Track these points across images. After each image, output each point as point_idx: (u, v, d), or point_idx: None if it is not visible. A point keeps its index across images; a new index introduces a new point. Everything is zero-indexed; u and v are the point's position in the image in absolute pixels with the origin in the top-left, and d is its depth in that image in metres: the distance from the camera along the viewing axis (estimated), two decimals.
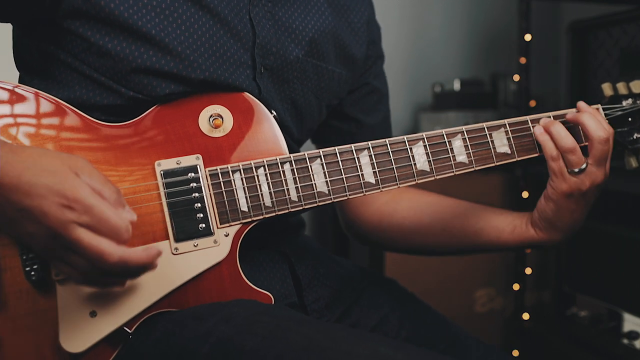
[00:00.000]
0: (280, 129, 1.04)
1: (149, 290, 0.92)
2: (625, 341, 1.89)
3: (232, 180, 0.97)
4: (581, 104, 1.08)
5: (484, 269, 2.34)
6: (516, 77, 2.25)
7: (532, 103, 2.24)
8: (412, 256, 2.15)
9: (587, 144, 1.05)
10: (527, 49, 2.21)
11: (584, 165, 1.03)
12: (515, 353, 2.28)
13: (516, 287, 2.30)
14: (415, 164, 1.03)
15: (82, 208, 0.78)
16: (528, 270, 2.30)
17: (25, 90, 0.93)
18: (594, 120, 1.04)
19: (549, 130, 1.05)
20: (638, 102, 1.11)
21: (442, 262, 2.23)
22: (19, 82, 1.07)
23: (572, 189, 1.04)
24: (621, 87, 1.13)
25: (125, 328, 0.92)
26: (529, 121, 1.08)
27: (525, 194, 2.27)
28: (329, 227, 2.44)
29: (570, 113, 1.07)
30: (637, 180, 1.75)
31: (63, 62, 0.99)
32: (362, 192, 1.01)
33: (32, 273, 0.89)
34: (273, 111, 1.04)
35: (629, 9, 1.99)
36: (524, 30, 2.20)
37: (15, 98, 0.93)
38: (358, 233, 1.35)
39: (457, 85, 2.45)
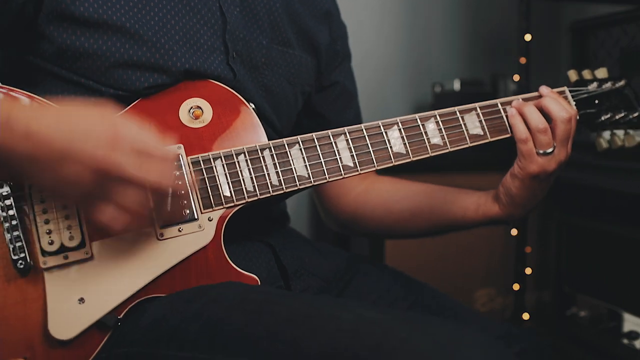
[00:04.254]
0: (261, 120, 1.06)
1: (136, 275, 0.94)
2: (625, 341, 1.89)
3: (214, 167, 0.98)
4: (543, 88, 1.12)
5: (484, 269, 2.34)
6: (516, 77, 2.25)
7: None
8: (412, 256, 2.17)
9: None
10: (527, 49, 2.21)
11: (551, 148, 1.07)
12: None
13: (516, 287, 2.30)
14: (391, 147, 1.06)
15: (134, 141, 0.82)
16: (528, 270, 2.29)
17: (19, 93, 0.94)
18: (556, 102, 1.08)
19: (521, 111, 1.08)
20: (603, 86, 1.17)
21: (442, 262, 2.23)
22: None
23: (540, 170, 1.08)
24: (586, 74, 1.20)
25: (113, 314, 0.93)
26: (499, 104, 1.12)
27: None
28: None
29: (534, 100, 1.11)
30: (637, 180, 1.75)
31: (42, 69, 1.01)
32: (341, 174, 1.03)
33: (20, 262, 0.90)
34: (252, 103, 1.06)
35: (629, 9, 1.99)
36: (524, 30, 2.20)
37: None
38: (336, 222, 1.40)
39: (457, 85, 2.46)
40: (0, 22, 0.97)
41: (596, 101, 1.16)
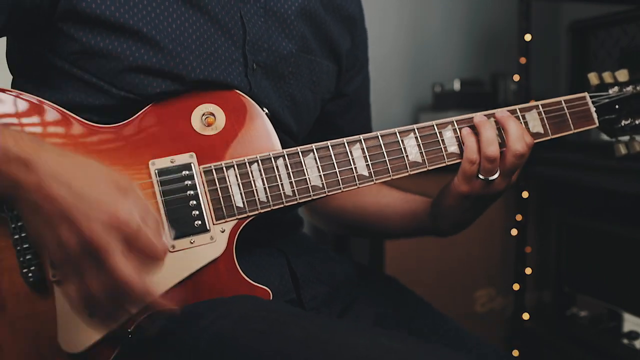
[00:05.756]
0: (278, 126, 1.05)
1: None
2: (625, 341, 1.89)
3: (227, 177, 0.97)
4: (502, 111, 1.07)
5: (484, 269, 2.34)
6: (516, 77, 2.25)
7: (532, 103, 2.24)
8: (412, 256, 2.17)
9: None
10: (527, 49, 2.21)
11: (495, 176, 1.03)
12: (515, 353, 2.28)
13: (516, 287, 2.30)
14: (407, 156, 1.04)
15: (131, 231, 0.77)
16: (528, 270, 2.30)
17: (26, 99, 0.93)
18: (519, 129, 1.03)
19: (480, 130, 1.03)
20: (624, 90, 1.13)
21: (442, 262, 2.23)
22: (12, 86, 1.07)
23: (472, 192, 1.04)
24: (607, 77, 1.15)
25: (124, 327, 0.92)
26: (518, 110, 1.09)
27: (525, 194, 2.27)
28: None
29: (500, 111, 1.06)
30: (637, 180, 1.75)
31: (55, 65, 1.00)
32: (356, 184, 1.02)
33: (30, 275, 0.89)
34: (265, 108, 1.05)
35: (629, 9, 1.98)
36: (524, 30, 2.20)
37: (19, 106, 0.93)
38: (316, 217, 1.44)
39: (457, 85, 2.45)
40: (16, 15, 0.95)
41: (617, 106, 1.13)
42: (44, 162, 0.77)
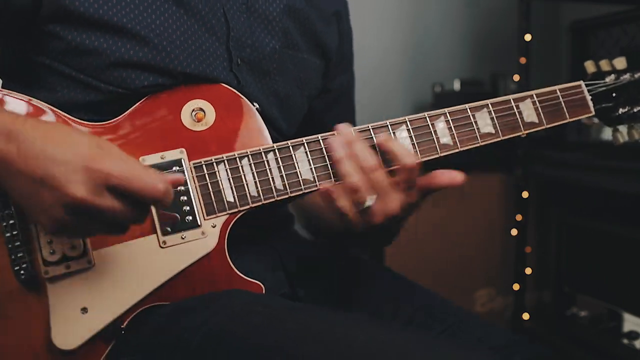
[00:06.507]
0: (268, 123, 1.04)
1: (140, 284, 0.93)
2: (625, 341, 1.89)
3: (217, 172, 0.97)
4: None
5: (484, 269, 2.34)
6: (516, 77, 2.25)
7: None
8: (412, 256, 2.17)
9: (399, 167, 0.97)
10: (527, 49, 2.21)
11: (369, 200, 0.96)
12: None
13: (516, 287, 2.30)
14: None
15: (118, 181, 0.78)
16: (528, 270, 2.30)
17: (15, 97, 0.94)
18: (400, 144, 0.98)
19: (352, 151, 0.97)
20: (621, 77, 1.10)
21: (442, 262, 2.23)
22: (2, 88, 1.07)
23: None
24: (604, 64, 1.13)
25: (117, 323, 0.92)
26: (512, 100, 1.08)
27: (525, 194, 2.26)
28: None
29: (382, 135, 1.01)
30: (637, 180, 1.75)
31: (42, 64, 1.00)
32: None
33: (22, 272, 0.89)
34: (255, 103, 1.05)
35: (629, 9, 1.99)
36: (524, 30, 2.21)
37: (7, 104, 0.93)
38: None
39: (457, 85, 2.46)
40: (3, 17, 0.96)
41: (614, 94, 1.10)
42: (24, 130, 0.78)
